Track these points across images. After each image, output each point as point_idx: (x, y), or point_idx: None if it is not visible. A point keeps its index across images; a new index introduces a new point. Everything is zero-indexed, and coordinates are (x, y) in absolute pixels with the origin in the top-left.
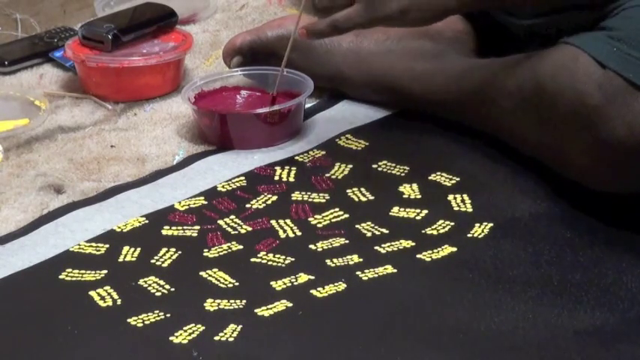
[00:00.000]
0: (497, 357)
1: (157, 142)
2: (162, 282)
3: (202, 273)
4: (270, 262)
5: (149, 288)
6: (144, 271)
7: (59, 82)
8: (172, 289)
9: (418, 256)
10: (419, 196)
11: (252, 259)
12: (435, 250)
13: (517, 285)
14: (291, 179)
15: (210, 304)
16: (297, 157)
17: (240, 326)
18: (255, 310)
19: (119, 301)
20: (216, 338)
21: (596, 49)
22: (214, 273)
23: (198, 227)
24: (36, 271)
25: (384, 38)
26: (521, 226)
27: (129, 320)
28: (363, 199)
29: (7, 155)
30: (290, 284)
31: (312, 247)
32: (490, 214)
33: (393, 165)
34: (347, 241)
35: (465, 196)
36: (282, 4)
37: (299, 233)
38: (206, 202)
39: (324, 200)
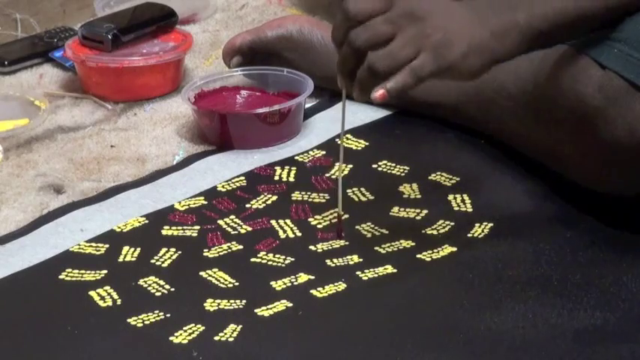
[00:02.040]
0: (497, 357)
1: (157, 142)
2: (162, 282)
3: (202, 273)
4: (270, 262)
5: (149, 288)
6: (144, 271)
7: (59, 82)
8: (172, 289)
9: (418, 256)
10: (419, 196)
11: (252, 259)
12: (435, 250)
13: (517, 285)
14: (291, 179)
15: (210, 304)
16: (297, 157)
17: (240, 326)
18: (255, 310)
19: (119, 301)
20: (216, 338)
21: (597, 50)
22: (214, 273)
23: (198, 227)
24: (36, 271)
25: None
26: (521, 226)
27: (129, 320)
28: (363, 199)
29: (7, 155)
30: (290, 284)
31: (312, 247)
32: (490, 214)
33: (393, 165)
34: (347, 242)
35: (465, 196)
36: (282, 4)
37: (299, 233)
38: (206, 202)
39: (324, 200)
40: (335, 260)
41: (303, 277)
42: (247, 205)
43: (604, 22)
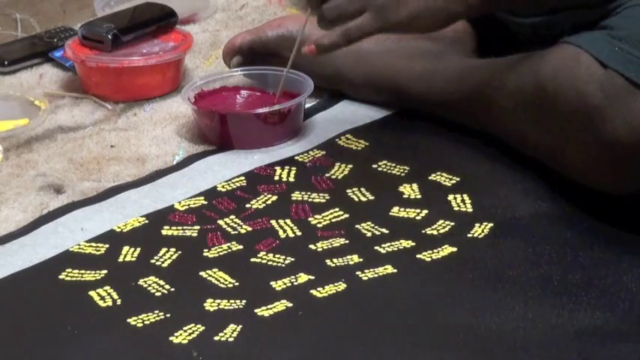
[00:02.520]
0: (497, 357)
1: (157, 142)
2: (162, 282)
3: (202, 273)
4: (270, 262)
5: (149, 288)
6: (144, 271)
7: (59, 82)
8: (172, 289)
9: (418, 256)
10: (419, 196)
11: (252, 259)
12: (435, 250)
13: (517, 285)
14: (291, 179)
15: (210, 304)
16: (297, 157)
17: (240, 326)
18: (255, 310)
19: (119, 301)
20: (216, 338)
21: (597, 48)
22: (214, 273)
23: (198, 227)
24: (36, 271)
25: (384, 38)
26: (521, 226)
27: (129, 320)
28: (363, 199)
29: (7, 155)
30: (290, 284)
31: (312, 247)
32: (490, 214)
33: (393, 165)
34: (347, 241)
35: (465, 196)
36: (282, 4)
37: (299, 233)
38: (206, 202)
39: (324, 200)
40: (335, 260)
41: (303, 277)
42: (247, 205)
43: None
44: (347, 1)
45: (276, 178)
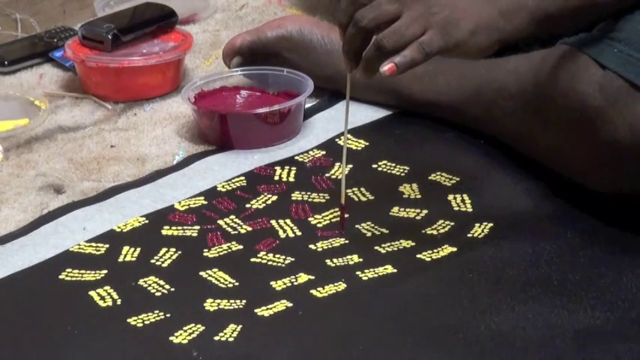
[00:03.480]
0: (497, 357)
1: (157, 142)
2: (162, 282)
3: (202, 273)
4: (270, 262)
5: (149, 288)
6: (144, 271)
7: (59, 82)
8: (172, 289)
9: (418, 256)
10: (419, 196)
11: (252, 259)
12: (435, 250)
13: (517, 285)
14: (291, 179)
15: (210, 304)
16: (297, 157)
17: (240, 326)
18: (255, 310)
19: (119, 301)
20: (216, 338)
21: (597, 50)
22: (214, 273)
23: (198, 227)
24: (36, 271)
25: None
26: (521, 226)
27: (129, 320)
28: (363, 199)
29: (7, 155)
30: (290, 284)
31: (312, 247)
32: (490, 214)
33: (393, 165)
34: (347, 241)
35: (465, 196)
36: (282, 4)
37: (299, 233)
38: (206, 202)
39: (324, 200)
40: (335, 260)
41: (303, 277)
42: (247, 205)
43: (613, 10)
44: (405, 24)
45: (276, 178)
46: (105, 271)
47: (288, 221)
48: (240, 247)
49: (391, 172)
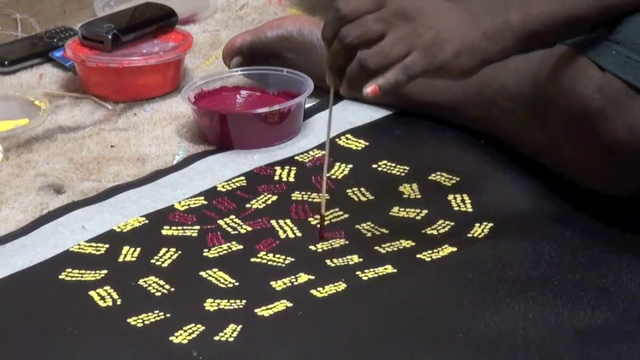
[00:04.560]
0: (497, 357)
1: (157, 142)
2: (162, 282)
3: (202, 273)
4: (270, 262)
5: (149, 288)
6: (144, 271)
7: (59, 82)
8: (172, 289)
9: (418, 256)
10: (419, 196)
11: (252, 259)
12: (435, 250)
13: (517, 285)
14: (291, 179)
15: (210, 304)
16: (297, 157)
17: (240, 326)
18: (255, 310)
19: (119, 301)
20: (216, 338)
21: (596, 51)
22: (214, 273)
23: (198, 227)
24: (36, 271)
25: None
26: (521, 226)
27: (129, 320)
28: (363, 199)
29: (7, 155)
30: (290, 284)
31: (312, 247)
32: (490, 214)
33: (393, 165)
34: (347, 242)
35: (465, 196)
36: (282, 4)
37: (299, 233)
38: (206, 202)
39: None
40: (335, 260)
41: (303, 277)
42: (247, 205)
43: (599, 23)
44: (390, 45)
45: (276, 178)
46: (105, 271)
47: (288, 221)
48: (240, 247)
49: (391, 172)
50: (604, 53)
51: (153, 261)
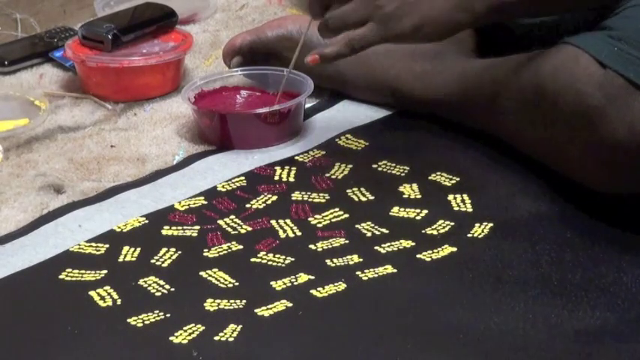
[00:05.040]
0: (497, 357)
1: (157, 142)
2: (162, 282)
3: (202, 273)
4: (270, 262)
5: (149, 288)
6: (144, 271)
7: (59, 82)
8: (172, 289)
9: (418, 256)
10: (419, 196)
11: (252, 259)
12: (435, 250)
13: (517, 285)
14: (291, 179)
15: (210, 304)
16: (297, 157)
17: (240, 326)
18: (255, 310)
19: (119, 301)
20: (216, 338)
21: (597, 48)
22: (214, 273)
23: (198, 227)
24: (36, 271)
25: None
26: (521, 226)
27: (129, 320)
28: (363, 199)
29: (7, 155)
30: (290, 284)
31: (312, 247)
32: (490, 214)
33: (393, 165)
34: (347, 241)
35: (465, 196)
36: (282, 4)
37: (299, 233)
38: (206, 202)
39: (324, 200)
40: (335, 260)
41: (303, 277)
42: (247, 205)
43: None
44: (351, 10)
45: (276, 178)
46: (105, 271)
47: (288, 221)
48: (240, 247)
49: (391, 172)
50: (606, 50)
51: (153, 261)
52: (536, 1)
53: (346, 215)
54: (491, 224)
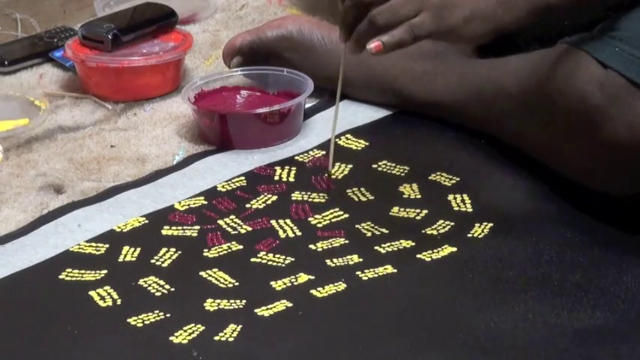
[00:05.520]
0: (497, 357)
1: (157, 142)
2: (162, 282)
3: (202, 273)
4: (270, 262)
5: (149, 288)
6: (144, 271)
7: (59, 82)
8: (172, 289)
9: (418, 256)
10: (419, 196)
11: (252, 259)
12: (435, 250)
13: (517, 285)
14: (291, 179)
15: (210, 304)
16: (297, 157)
17: (240, 326)
18: (255, 310)
19: (119, 301)
20: (216, 338)
21: (598, 49)
22: (214, 273)
23: (198, 227)
24: (36, 271)
25: None
26: (521, 226)
27: (129, 320)
28: (363, 199)
29: (7, 155)
30: (290, 284)
31: (312, 247)
32: (490, 214)
33: (393, 165)
34: (347, 241)
35: (465, 196)
36: (282, 4)
37: (299, 233)
38: (206, 202)
39: (324, 200)
40: (335, 260)
41: (303, 277)
42: (247, 205)
43: (614, 2)
44: (400, 4)
45: (276, 178)
46: (105, 271)
47: (288, 221)
48: (240, 247)
49: (391, 172)
50: (606, 50)
51: (153, 261)
52: (580, 2)
53: (346, 215)
54: (491, 224)
